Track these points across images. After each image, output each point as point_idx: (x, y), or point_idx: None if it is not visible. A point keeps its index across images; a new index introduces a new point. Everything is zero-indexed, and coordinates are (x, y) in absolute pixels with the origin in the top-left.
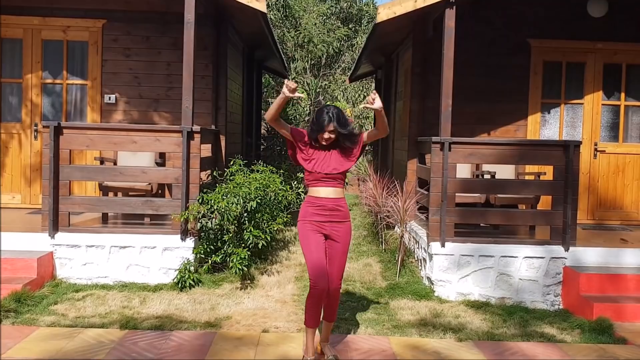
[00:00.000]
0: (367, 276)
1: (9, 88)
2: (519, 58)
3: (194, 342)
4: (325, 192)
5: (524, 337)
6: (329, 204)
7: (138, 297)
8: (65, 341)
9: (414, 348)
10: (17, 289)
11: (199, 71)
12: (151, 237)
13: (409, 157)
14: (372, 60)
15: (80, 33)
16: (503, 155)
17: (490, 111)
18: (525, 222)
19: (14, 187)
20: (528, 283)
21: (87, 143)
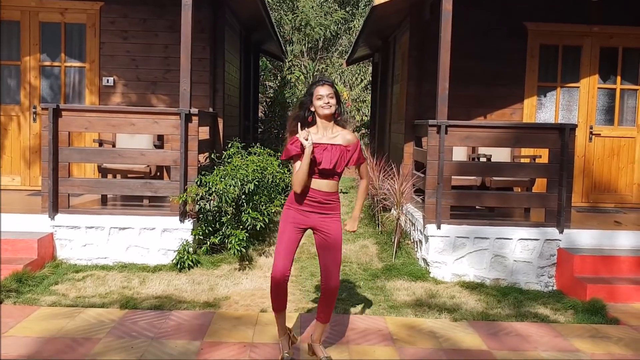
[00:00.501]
0: (363, 258)
1: (7, 70)
2: (516, 41)
3: (193, 322)
4: (318, 185)
5: (518, 317)
6: (319, 197)
7: (138, 278)
8: (66, 320)
9: (409, 328)
10: (18, 270)
11: (196, 54)
12: (150, 219)
13: (406, 140)
14: (369, 44)
15: (77, 15)
16: (499, 138)
17: (486, 94)
18: (520, 204)
19: (14, 169)
20: (522, 264)
21: (85, 125)
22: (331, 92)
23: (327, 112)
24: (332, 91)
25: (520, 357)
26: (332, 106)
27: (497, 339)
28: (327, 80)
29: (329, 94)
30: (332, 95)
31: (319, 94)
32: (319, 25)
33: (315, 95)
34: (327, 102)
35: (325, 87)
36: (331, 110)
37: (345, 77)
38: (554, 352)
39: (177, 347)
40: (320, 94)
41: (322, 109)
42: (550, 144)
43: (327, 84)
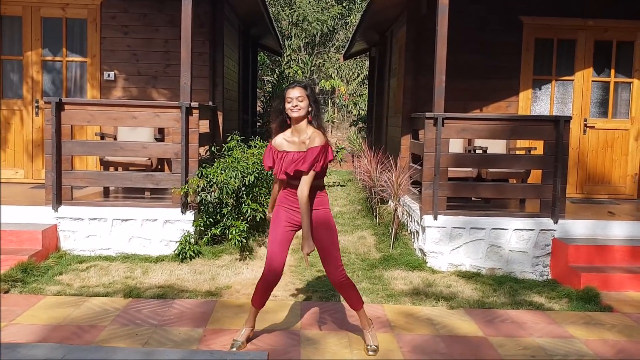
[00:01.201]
0: (361, 248)
1: (10, 65)
2: (511, 35)
3: (196, 310)
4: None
5: (513, 305)
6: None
7: (140, 268)
8: (72, 309)
9: (407, 315)
10: (23, 260)
11: (196, 48)
12: (152, 210)
13: (403, 133)
14: (366, 38)
15: (78, 10)
16: (495, 131)
17: (482, 87)
18: (516, 195)
19: (17, 162)
20: (518, 254)
21: (88, 119)
22: (301, 95)
23: (295, 115)
24: (302, 94)
25: (516, 342)
26: (300, 109)
27: (492, 325)
28: (299, 83)
29: (299, 96)
30: (301, 98)
31: (289, 96)
32: (316, 21)
33: (286, 98)
34: (295, 105)
35: (295, 90)
36: (299, 113)
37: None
38: (548, 338)
39: (181, 334)
40: (289, 96)
41: (290, 112)
42: (545, 136)
43: (299, 87)
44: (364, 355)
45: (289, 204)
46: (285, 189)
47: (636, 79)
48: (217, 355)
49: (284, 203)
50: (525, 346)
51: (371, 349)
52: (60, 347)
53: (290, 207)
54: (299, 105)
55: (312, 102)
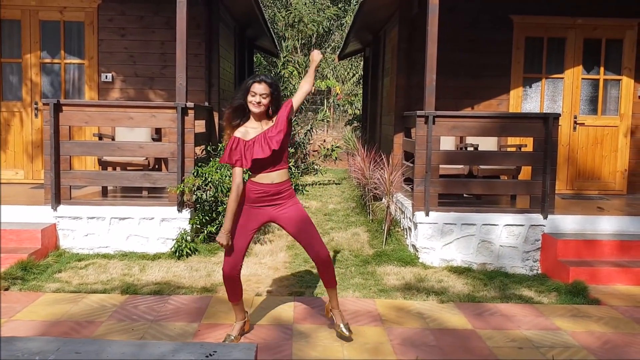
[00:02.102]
0: (355, 245)
1: (9, 68)
2: (502, 33)
3: (192, 305)
4: (270, 178)
5: (503, 299)
6: (272, 190)
7: (138, 265)
8: (70, 305)
9: (398, 309)
10: (23, 258)
11: (192, 49)
12: (149, 209)
13: (395, 132)
14: (360, 38)
15: (76, 13)
16: (485, 128)
17: (474, 86)
18: (506, 191)
19: (17, 163)
20: (508, 249)
21: (85, 119)
22: (266, 92)
23: (256, 111)
24: (267, 91)
25: (504, 335)
26: (262, 106)
27: (482, 319)
28: (266, 78)
29: (263, 93)
30: (265, 95)
31: (253, 90)
32: (312, 22)
33: (250, 91)
34: (258, 101)
35: (261, 85)
36: (260, 109)
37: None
38: (536, 330)
39: (176, 328)
40: (254, 90)
41: (251, 106)
42: (535, 133)
43: (265, 82)
44: (355, 349)
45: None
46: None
47: (625, 76)
48: (207, 347)
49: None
50: (513, 338)
51: (345, 327)
52: (55, 340)
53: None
54: (261, 102)
55: (275, 99)
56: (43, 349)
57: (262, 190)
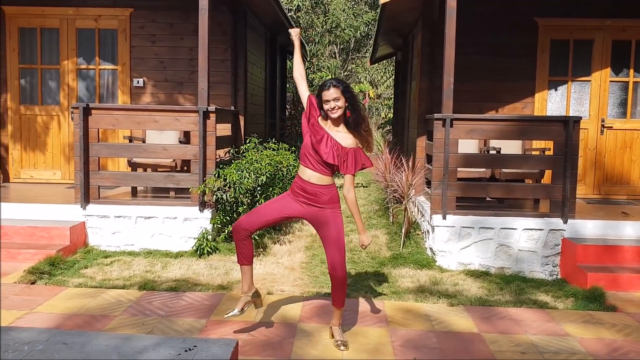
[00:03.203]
0: (372, 247)
1: (49, 74)
2: (526, 36)
3: (204, 302)
4: (308, 176)
5: (518, 303)
6: (308, 188)
7: (160, 263)
8: (89, 300)
9: (406, 311)
10: (52, 254)
11: (218, 55)
12: (173, 209)
13: (418, 135)
14: (391, 42)
15: (110, 21)
16: (504, 131)
17: (497, 89)
18: (525, 195)
19: (55, 164)
20: (527, 254)
21: (113, 122)
22: (337, 95)
23: (334, 117)
24: (338, 94)
25: (509, 339)
26: (339, 109)
27: (489, 322)
28: (334, 83)
29: (335, 97)
30: (338, 98)
31: (325, 98)
32: (349, 27)
33: (323, 100)
34: (332, 107)
35: (330, 91)
36: (339, 113)
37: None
38: (542, 335)
39: (184, 324)
40: (326, 98)
41: (330, 113)
42: (555, 136)
43: (334, 87)
44: (355, 349)
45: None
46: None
47: None
48: (188, 341)
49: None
50: (518, 343)
51: (342, 343)
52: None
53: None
54: (335, 106)
55: (348, 98)
56: (34, 339)
57: (300, 185)
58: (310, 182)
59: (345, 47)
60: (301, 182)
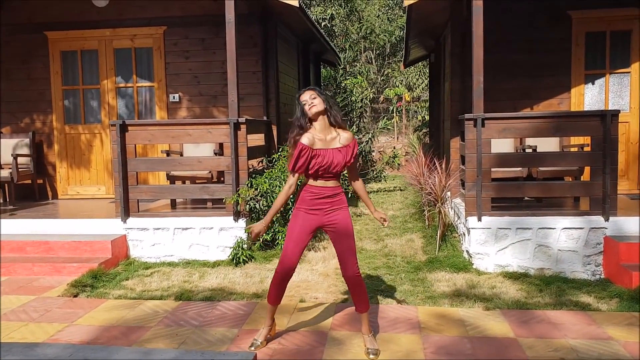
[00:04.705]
0: (408, 251)
1: (90, 93)
2: (559, 31)
3: (237, 312)
4: (324, 183)
5: (558, 306)
6: (327, 192)
7: (198, 273)
8: (127, 311)
9: (440, 317)
10: (94, 267)
11: (250, 67)
12: (209, 219)
13: (452, 136)
14: (423, 44)
15: (145, 40)
16: (538, 129)
17: (532, 86)
18: (563, 193)
19: (99, 179)
20: (568, 254)
21: (149, 138)
22: (313, 94)
23: (315, 110)
24: (313, 93)
25: (547, 344)
26: (316, 104)
27: (526, 326)
28: (309, 87)
29: (311, 95)
30: (314, 97)
31: (303, 100)
32: (384, 32)
33: (302, 102)
34: (310, 103)
35: (306, 93)
36: (318, 107)
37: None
38: (583, 339)
39: (217, 334)
40: (304, 99)
41: (309, 110)
42: (592, 131)
43: (308, 90)
44: (385, 356)
45: (312, 204)
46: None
47: None
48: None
49: (305, 204)
50: (557, 348)
51: (372, 352)
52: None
53: (313, 207)
54: (313, 102)
55: (325, 99)
56: (58, 355)
57: (319, 192)
58: (329, 187)
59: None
60: (318, 189)
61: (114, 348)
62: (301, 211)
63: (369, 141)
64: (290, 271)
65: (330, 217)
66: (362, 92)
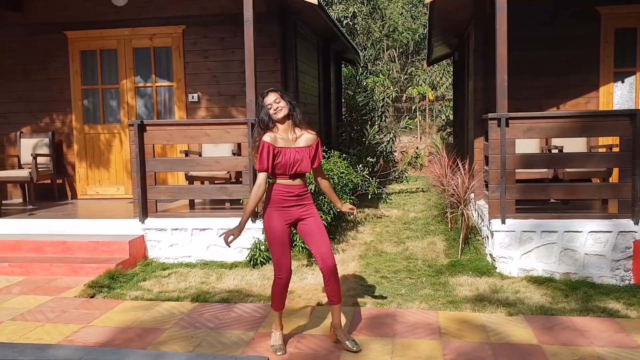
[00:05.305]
0: (429, 254)
1: (109, 93)
2: (587, 27)
3: (253, 314)
4: (292, 182)
5: (584, 312)
6: (296, 190)
7: (215, 274)
8: (143, 312)
9: (461, 322)
10: (111, 268)
11: (268, 66)
12: (227, 220)
13: (476, 136)
14: (447, 42)
15: (164, 39)
16: (564, 129)
17: (558, 84)
18: (590, 195)
19: (118, 179)
20: (595, 258)
21: (167, 138)
22: (277, 97)
23: (281, 115)
24: (277, 96)
25: (572, 351)
26: (282, 108)
27: (550, 333)
28: (272, 89)
29: (275, 99)
30: (278, 100)
31: (268, 103)
32: (407, 30)
33: (267, 105)
34: (276, 108)
35: (270, 95)
36: (283, 112)
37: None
38: (610, 347)
39: (232, 336)
40: (268, 102)
41: (275, 114)
42: (621, 131)
43: (271, 92)
44: None
45: (283, 202)
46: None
47: None
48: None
49: (278, 203)
50: (582, 356)
51: (351, 343)
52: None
53: (284, 205)
54: (278, 106)
55: (288, 101)
56: (69, 357)
57: (286, 191)
58: (295, 185)
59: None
60: (287, 188)
61: (125, 351)
62: (274, 210)
63: (390, 141)
64: (289, 274)
65: (302, 213)
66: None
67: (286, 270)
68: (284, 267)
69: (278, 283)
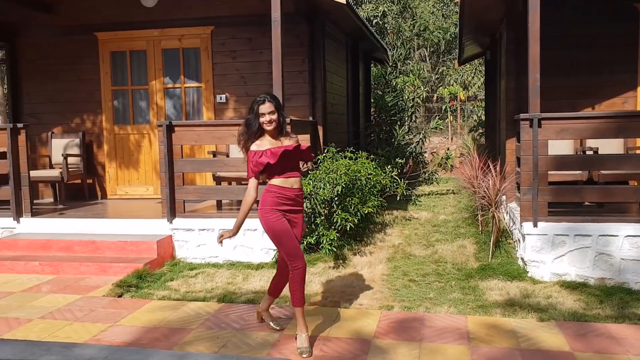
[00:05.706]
0: (459, 257)
1: (138, 94)
2: (624, 25)
3: (279, 315)
4: (290, 183)
5: (620, 319)
6: (293, 194)
7: (242, 274)
8: (170, 312)
9: (490, 327)
10: (139, 268)
11: (296, 66)
12: (253, 221)
13: (507, 137)
14: (479, 42)
15: (192, 40)
16: (599, 129)
17: (592, 84)
18: (625, 198)
19: (148, 180)
20: (631, 263)
21: (195, 138)
22: (271, 109)
23: (270, 129)
24: (272, 107)
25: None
26: (274, 122)
27: (584, 340)
28: (268, 97)
29: (270, 111)
30: (273, 112)
31: (261, 112)
32: (438, 29)
33: (260, 114)
34: (269, 120)
35: (265, 105)
36: (273, 125)
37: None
38: None
39: (258, 338)
40: (262, 112)
41: (266, 126)
42: None
43: (268, 101)
44: None
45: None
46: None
47: None
48: None
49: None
50: None
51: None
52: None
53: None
54: (271, 119)
55: (280, 113)
56: (94, 356)
57: (286, 195)
58: (293, 188)
59: (436, 50)
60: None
61: (150, 351)
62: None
63: (420, 142)
64: (305, 262)
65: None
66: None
67: (302, 258)
68: (299, 256)
69: (297, 274)
